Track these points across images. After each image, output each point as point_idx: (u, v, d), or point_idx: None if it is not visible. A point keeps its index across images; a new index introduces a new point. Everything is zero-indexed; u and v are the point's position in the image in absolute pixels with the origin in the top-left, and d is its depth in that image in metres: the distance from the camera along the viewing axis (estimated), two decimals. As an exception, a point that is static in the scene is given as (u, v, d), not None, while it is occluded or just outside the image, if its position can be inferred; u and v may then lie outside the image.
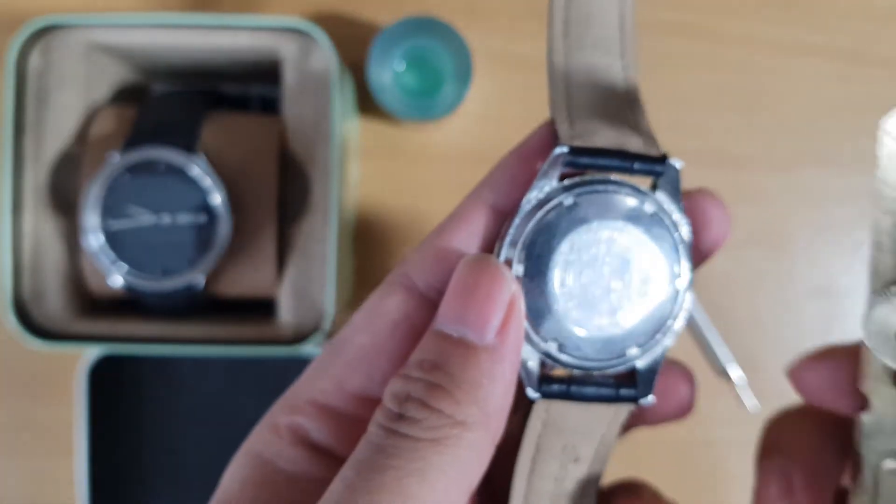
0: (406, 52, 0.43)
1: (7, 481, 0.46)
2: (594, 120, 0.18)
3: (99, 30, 0.38)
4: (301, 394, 0.19)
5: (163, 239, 0.36)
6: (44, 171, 0.38)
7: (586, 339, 0.18)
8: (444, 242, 0.18)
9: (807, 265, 0.48)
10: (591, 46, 0.19)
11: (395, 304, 0.18)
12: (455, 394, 0.16)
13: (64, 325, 0.38)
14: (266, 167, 0.38)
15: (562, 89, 0.18)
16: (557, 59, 0.19)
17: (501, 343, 0.17)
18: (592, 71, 0.19)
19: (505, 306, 0.17)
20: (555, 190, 0.18)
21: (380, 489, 0.15)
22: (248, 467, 0.18)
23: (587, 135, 0.18)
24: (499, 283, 0.17)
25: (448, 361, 0.16)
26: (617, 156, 0.18)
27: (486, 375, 0.16)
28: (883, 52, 0.48)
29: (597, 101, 0.18)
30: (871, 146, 0.51)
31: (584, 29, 0.19)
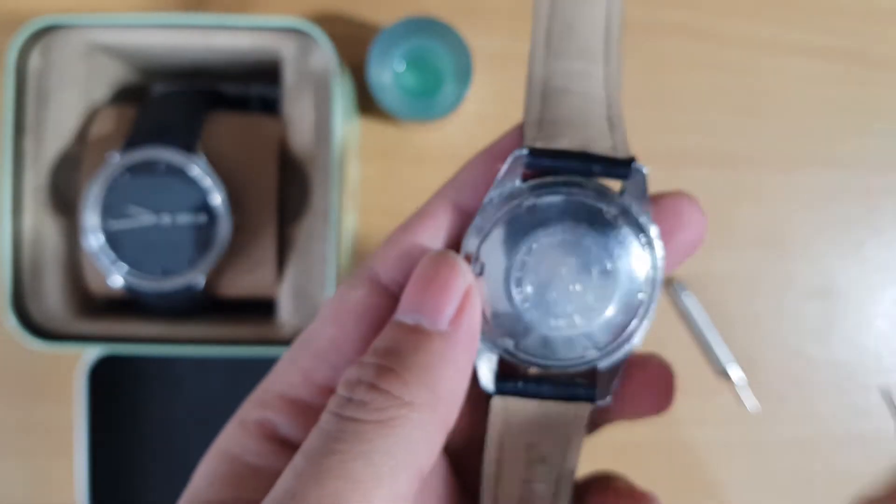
0: (406, 53, 0.43)
1: (7, 481, 0.46)
2: (564, 122, 0.18)
3: (99, 30, 0.38)
4: (270, 389, 0.19)
5: (163, 239, 0.36)
6: (44, 171, 0.38)
7: (544, 339, 0.18)
8: (408, 239, 0.19)
9: (806, 265, 0.48)
10: (572, 55, 0.19)
11: (360, 298, 0.19)
12: (404, 375, 0.16)
13: (64, 325, 0.38)
14: (266, 167, 0.38)
15: (537, 94, 0.18)
16: (536, 68, 0.19)
17: (455, 330, 0.17)
18: (570, 77, 0.19)
19: (460, 296, 0.17)
20: (516, 190, 0.18)
21: (327, 474, 0.15)
22: (216, 464, 0.18)
23: (552, 137, 0.18)
24: (455, 273, 0.17)
25: (401, 346, 0.17)
26: (577, 158, 0.18)
27: (438, 359, 0.17)
28: (883, 53, 0.48)
29: (571, 105, 0.18)
30: (871, 146, 0.51)
31: (567, 39, 0.19)
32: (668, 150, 0.46)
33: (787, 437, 0.48)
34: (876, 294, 0.48)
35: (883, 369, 0.48)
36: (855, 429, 0.48)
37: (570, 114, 0.18)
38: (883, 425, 0.48)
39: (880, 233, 0.48)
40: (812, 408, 0.48)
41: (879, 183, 0.48)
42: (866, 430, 0.48)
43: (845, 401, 0.48)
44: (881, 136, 0.48)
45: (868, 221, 0.48)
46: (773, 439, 0.48)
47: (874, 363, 0.48)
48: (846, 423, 0.48)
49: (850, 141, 0.48)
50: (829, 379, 0.48)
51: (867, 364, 0.48)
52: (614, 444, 0.47)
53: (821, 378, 0.48)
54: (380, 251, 0.19)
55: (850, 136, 0.48)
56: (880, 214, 0.48)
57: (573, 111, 0.18)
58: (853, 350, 0.48)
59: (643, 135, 0.49)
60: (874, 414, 0.48)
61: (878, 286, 0.48)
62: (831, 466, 0.48)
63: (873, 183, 0.48)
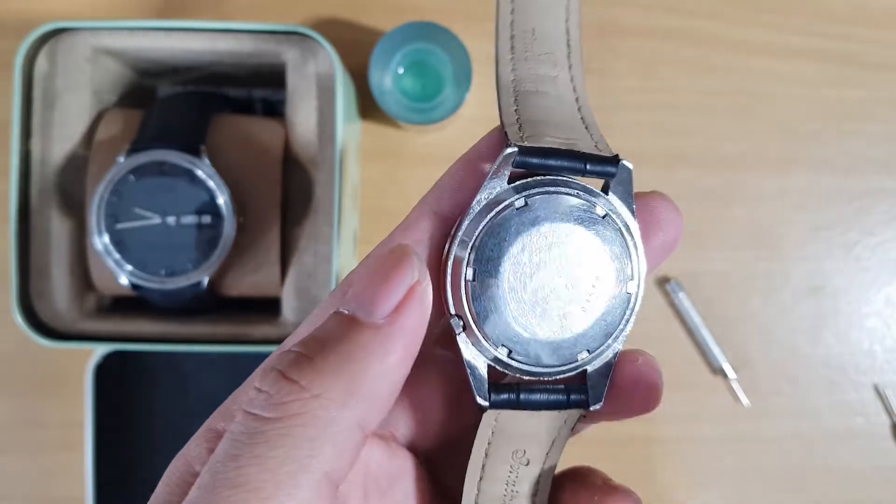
0: (407, 57, 0.44)
1: (16, 475, 0.47)
2: (543, 123, 0.18)
3: (105, 34, 0.38)
4: (236, 401, 0.18)
5: (168, 239, 0.36)
6: (51, 173, 0.38)
7: (536, 344, 0.18)
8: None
9: (800, 265, 0.49)
10: (536, 58, 0.19)
11: None
12: (318, 363, 0.15)
13: (71, 324, 0.39)
14: (270, 169, 0.38)
15: (510, 96, 0.18)
16: (504, 70, 0.18)
17: (390, 324, 0.16)
18: (540, 80, 0.18)
19: (404, 290, 0.16)
20: (505, 191, 0.17)
21: (221, 483, 0.14)
22: (179, 473, 0.17)
23: (536, 136, 0.17)
24: (401, 266, 0.16)
25: (328, 335, 0.15)
26: (568, 156, 0.17)
27: (362, 351, 0.15)
28: (875, 55, 0.48)
29: (546, 106, 0.18)
30: (863, 148, 0.52)
31: (529, 42, 0.19)
32: (663, 152, 0.47)
33: (780, 433, 0.49)
34: (868, 293, 0.49)
35: (876, 367, 0.49)
36: (848, 426, 0.49)
37: (547, 115, 0.18)
38: (876, 422, 0.49)
39: (872, 233, 0.49)
40: (805, 405, 0.49)
41: (872, 184, 0.49)
42: (859, 426, 0.49)
43: (838, 398, 0.49)
44: (873, 138, 0.49)
45: (860, 222, 0.49)
46: (766, 436, 0.48)
47: (867, 361, 0.49)
48: (839, 420, 0.49)
49: (842, 143, 0.48)
50: (822, 376, 0.49)
51: (860, 362, 0.49)
52: (612, 438, 0.47)
53: (814, 376, 0.49)
54: (357, 271, 0.18)
55: (842, 137, 0.48)
56: (872, 215, 0.49)
57: (549, 112, 0.18)
58: (846, 348, 0.49)
59: (638, 137, 0.50)
60: (867, 411, 0.49)
61: (871, 285, 0.49)
62: (824, 463, 0.49)
63: (866, 184, 0.49)
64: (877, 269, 0.49)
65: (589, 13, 0.48)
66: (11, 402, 0.47)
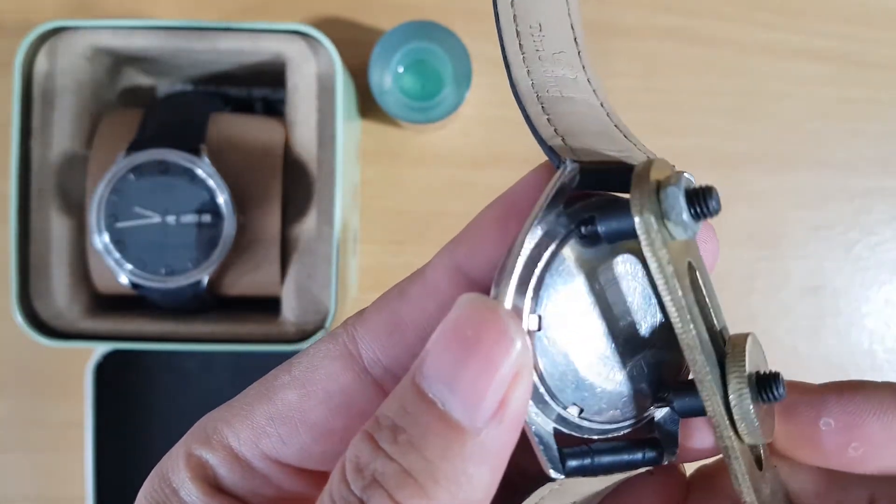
0: (407, 56, 0.44)
1: (16, 475, 0.47)
2: (584, 134, 0.15)
3: (104, 33, 0.38)
4: (218, 429, 0.17)
5: (168, 239, 0.36)
6: (51, 172, 0.38)
7: (607, 397, 0.15)
8: (402, 311, 0.16)
9: (800, 264, 0.49)
10: (551, 58, 0.16)
11: (332, 372, 0.16)
12: (429, 490, 0.13)
13: (71, 323, 0.39)
14: (270, 168, 0.38)
15: (536, 104, 0.15)
16: (519, 73, 0.16)
17: (496, 428, 0.13)
18: (562, 84, 0.16)
19: (508, 379, 0.13)
20: (564, 219, 0.14)
21: None
22: (156, 492, 0.16)
23: (588, 150, 0.15)
24: (504, 346, 0.13)
25: (426, 439, 0.13)
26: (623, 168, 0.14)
27: (471, 467, 0.13)
28: (876, 55, 0.48)
29: (578, 113, 0.16)
30: (863, 147, 0.52)
31: (538, 39, 0.16)
32: (664, 151, 0.47)
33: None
34: (868, 292, 0.49)
35: (876, 367, 0.49)
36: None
37: (583, 125, 0.15)
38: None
39: (872, 233, 0.49)
40: (806, 405, 0.49)
41: (872, 184, 0.49)
42: (859, 426, 0.49)
43: (838, 398, 0.49)
44: (873, 138, 0.49)
45: (860, 221, 0.49)
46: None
47: (867, 361, 0.49)
48: (839, 420, 0.49)
49: (842, 142, 0.48)
50: (822, 376, 0.49)
51: (860, 362, 0.49)
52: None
53: (814, 375, 0.48)
54: (368, 313, 0.16)
55: (842, 137, 0.48)
56: (872, 215, 0.49)
57: (584, 121, 0.16)
58: (846, 348, 0.49)
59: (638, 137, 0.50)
60: (867, 411, 0.49)
61: (871, 285, 0.49)
62: (825, 463, 0.49)
63: (866, 184, 0.49)
64: (877, 269, 0.49)
65: (589, 12, 0.48)
66: (11, 402, 0.47)
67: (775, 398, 0.15)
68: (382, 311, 0.16)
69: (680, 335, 0.14)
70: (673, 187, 0.13)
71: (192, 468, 0.16)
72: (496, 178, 0.47)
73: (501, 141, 0.47)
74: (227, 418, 0.17)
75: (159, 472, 0.17)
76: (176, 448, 0.17)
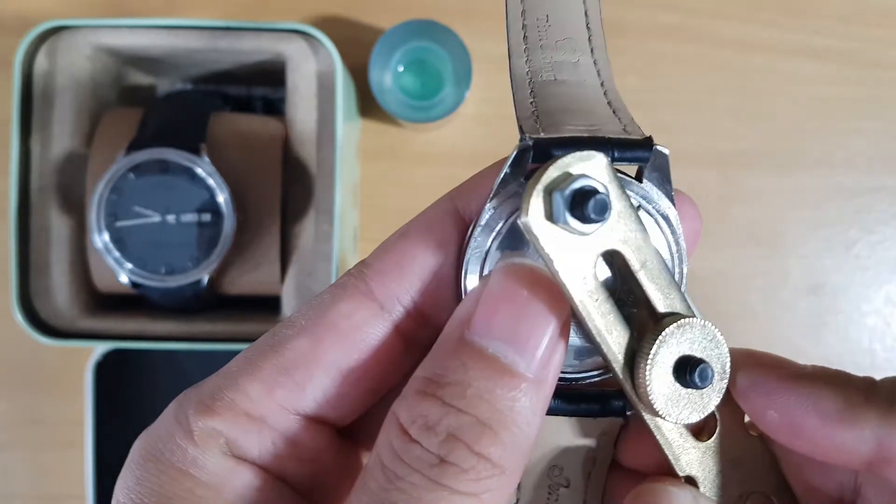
0: (406, 55, 0.44)
1: (17, 473, 0.47)
2: (562, 111, 0.16)
3: (105, 32, 0.38)
4: (221, 394, 0.16)
5: (168, 238, 0.36)
6: (50, 171, 0.38)
7: (576, 350, 0.16)
8: (407, 247, 0.16)
9: (800, 263, 0.49)
10: (553, 45, 0.17)
11: (345, 311, 0.16)
12: (502, 437, 0.14)
13: (71, 322, 0.39)
14: (270, 167, 0.38)
15: (525, 89, 0.17)
16: (518, 62, 0.17)
17: (545, 377, 0.14)
18: (558, 68, 0.17)
19: (556, 332, 0.14)
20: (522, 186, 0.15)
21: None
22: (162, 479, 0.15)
23: (554, 126, 0.15)
24: (557, 302, 0.14)
25: (494, 392, 0.14)
26: (590, 144, 0.15)
27: (530, 415, 0.14)
28: (875, 54, 0.48)
29: (566, 94, 0.17)
30: (863, 147, 0.52)
31: (544, 29, 0.17)
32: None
33: (780, 432, 0.49)
34: (868, 291, 0.49)
35: (876, 366, 0.49)
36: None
37: (567, 103, 0.16)
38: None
39: (872, 231, 0.49)
40: (805, 404, 0.49)
41: (871, 183, 0.49)
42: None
43: (838, 397, 0.49)
44: (873, 137, 0.49)
45: (860, 220, 0.49)
46: (767, 435, 0.49)
47: (867, 359, 0.49)
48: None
49: (842, 141, 0.48)
50: (822, 375, 0.49)
51: (859, 360, 0.49)
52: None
53: (814, 374, 0.49)
54: (373, 257, 0.17)
55: (842, 136, 0.48)
56: (872, 213, 0.49)
57: (569, 100, 0.16)
58: (846, 346, 0.49)
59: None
60: (866, 410, 0.49)
61: (871, 284, 0.49)
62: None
63: (865, 183, 0.49)
64: (877, 268, 0.49)
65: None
66: (11, 401, 0.47)
67: (695, 386, 0.15)
68: (388, 251, 0.17)
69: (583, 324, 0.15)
70: (557, 193, 0.14)
71: (200, 442, 0.15)
72: (496, 177, 0.47)
73: (501, 140, 0.47)
74: (226, 383, 0.16)
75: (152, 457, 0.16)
76: (163, 426, 0.16)
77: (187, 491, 0.15)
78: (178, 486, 0.15)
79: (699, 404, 0.15)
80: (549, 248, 0.14)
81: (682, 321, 0.15)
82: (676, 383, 0.15)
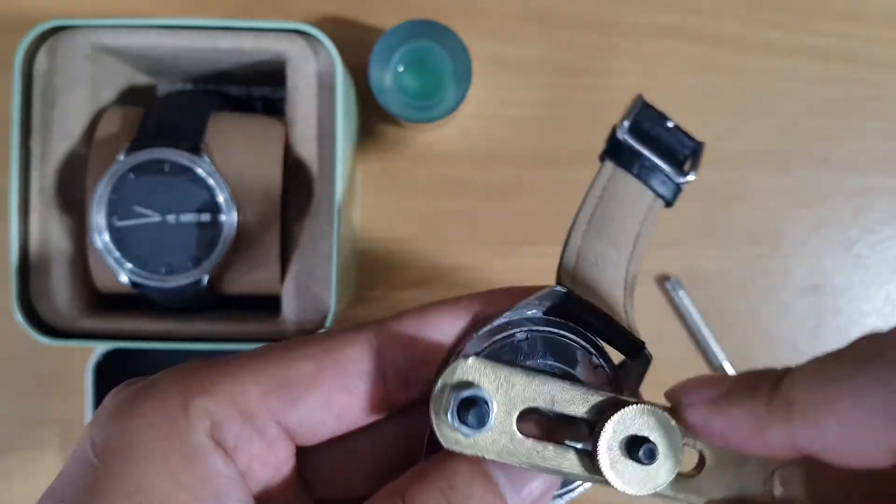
0: (407, 55, 0.44)
1: (17, 474, 0.47)
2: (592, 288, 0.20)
3: (105, 32, 0.38)
4: (222, 384, 0.18)
5: (168, 238, 0.36)
6: (50, 171, 0.38)
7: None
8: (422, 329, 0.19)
9: (799, 263, 0.49)
10: (607, 240, 0.21)
11: (351, 355, 0.19)
12: None
13: (71, 321, 0.39)
14: (270, 167, 0.38)
15: (573, 256, 0.20)
16: (576, 236, 0.21)
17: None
18: (601, 257, 0.21)
19: None
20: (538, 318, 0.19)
21: None
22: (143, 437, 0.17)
23: (586, 289, 0.19)
24: None
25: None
26: (606, 320, 0.19)
27: None
28: (875, 54, 0.48)
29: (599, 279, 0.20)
30: (862, 146, 0.52)
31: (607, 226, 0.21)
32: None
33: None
34: (868, 291, 0.49)
35: (875, 366, 0.49)
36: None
37: (597, 286, 0.20)
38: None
39: (872, 231, 0.49)
40: (805, 404, 0.49)
41: (871, 182, 0.49)
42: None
43: (838, 397, 0.49)
44: (872, 137, 0.49)
45: (860, 220, 0.49)
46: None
47: (866, 360, 0.49)
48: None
49: (841, 141, 0.48)
50: (822, 375, 0.49)
51: (859, 361, 0.49)
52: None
53: (814, 374, 0.49)
54: (390, 324, 0.19)
55: (841, 136, 0.48)
56: (872, 213, 0.49)
57: (599, 285, 0.20)
58: (846, 347, 0.49)
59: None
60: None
61: (871, 283, 0.49)
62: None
63: (865, 183, 0.49)
64: (877, 267, 0.49)
65: (589, 11, 0.48)
66: (11, 401, 0.47)
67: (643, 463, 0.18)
68: (406, 324, 0.19)
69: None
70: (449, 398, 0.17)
71: (192, 416, 0.17)
72: (496, 176, 0.47)
73: (501, 140, 0.47)
74: (230, 376, 0.18)
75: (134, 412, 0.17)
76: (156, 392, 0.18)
77: (162, 454, 0.17)
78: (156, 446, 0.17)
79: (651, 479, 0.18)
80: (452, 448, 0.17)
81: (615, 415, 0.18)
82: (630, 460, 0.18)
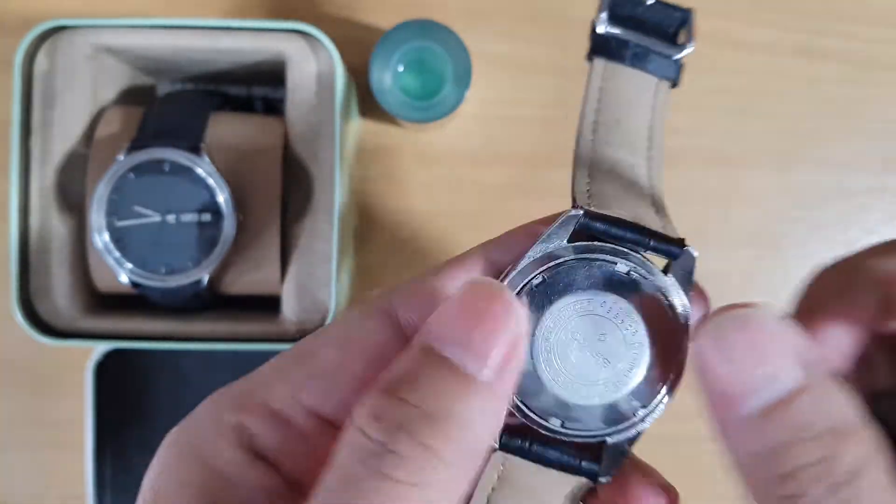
0: (407, 55, 0.44)
1: (16, 473, 0.47)
2: (612, 197, 0.18)
3: (105, 32, 0.38)
4: (252, 393, 0.18)
5: (168, 238, 0.36)
6: (50, 171, 0.38)
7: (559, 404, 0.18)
8: (437, 283, 0.18)
9: (800, 264, 0.49)
10: (617, 146, 0.19)
11: (371, 329, 0.18)
12: (449, 431, 0.15)
13: (71, 321, 0.39)
14: (270, 167, 0.38)
15: (584, 170, 0.19)
16: (584, 149, 0.19)
17: (499, 382, 0.15)
18: (618, 164, 0.19)
19: (511, 342, 0.15)
20: (563, 248, 0.17)
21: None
22: (186, 465, 0.17)
23: (605, 204, 0.18)
24: (512, 314, 0.15)
25: (443, 391, 0.15)
26: (633, 228, 0.17)
27: (479, 415, 0.15)
28: (875, 54, 0.48)
29: (618, 184, 0.19)
30: (863, 146, 0.52)
31: (613, 131, 0.19)
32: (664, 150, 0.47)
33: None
34: (868, 292, 0.49)
35: (875, 366, 0.49)
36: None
37: (618, 192, 0.18)
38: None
39: (873, 231, 0.49)
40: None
41: (872, 183, 0.49)
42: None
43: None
44: (873, 136, 0.49)
45: (861, 220, 0.49)
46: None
47: (866, 360, 0.49)
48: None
49: (842, 141, 0.48)
50: (822, 375, 0.49)
51: (860, 361, 0.49)
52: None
53: (814, 375, 0.49)
54: (403, 288, 0.18)
55: (842, 136, 0.48)
56: (873, 213, 0.49)
57: (620, 192, 0.18)
58: (846, 347, 0.49)
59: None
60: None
61: (871, 284, 0.49)
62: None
63: (866, 183, 0.49)
64: (877, 268, 0.49)
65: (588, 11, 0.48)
66: (11, 401, 0.47)
67: None
68: (417, 285, 0.18)
69: None
70: None
71: (227, 434, 0.17)
72: (496, 176, 0.47)
73: (501, 140, 0.47)
74: (256, 384, 0.18)
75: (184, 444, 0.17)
76: (197, 418, 0.18)
77: (206, 482, 0.16)
78: (198, 476, 0.17)
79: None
80: None
81: None
82: None
